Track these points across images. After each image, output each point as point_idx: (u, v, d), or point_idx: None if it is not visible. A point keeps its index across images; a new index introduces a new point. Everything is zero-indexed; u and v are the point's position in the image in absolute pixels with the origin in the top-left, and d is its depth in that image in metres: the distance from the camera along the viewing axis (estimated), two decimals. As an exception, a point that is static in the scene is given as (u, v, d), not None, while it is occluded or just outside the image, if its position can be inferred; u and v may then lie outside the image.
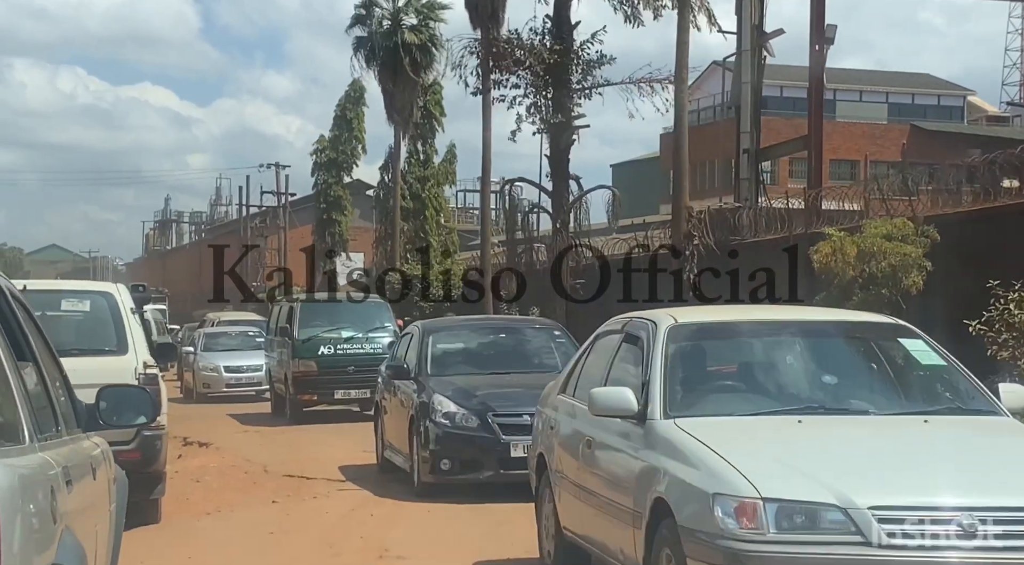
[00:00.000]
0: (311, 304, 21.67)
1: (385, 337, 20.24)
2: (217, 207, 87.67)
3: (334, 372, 19.90)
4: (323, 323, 20.79)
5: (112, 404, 4.85)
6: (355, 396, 20.22)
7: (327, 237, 51.15)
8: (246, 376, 27.08)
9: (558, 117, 27.21)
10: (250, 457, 15.36)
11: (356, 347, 20.31)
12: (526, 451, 9.04)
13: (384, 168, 42.19)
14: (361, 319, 21.09)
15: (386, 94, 38.88)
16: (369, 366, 18.47)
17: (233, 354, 27.80)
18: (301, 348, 20.09)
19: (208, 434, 18.51)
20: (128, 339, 9.58)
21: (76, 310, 9.90)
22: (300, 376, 20.02)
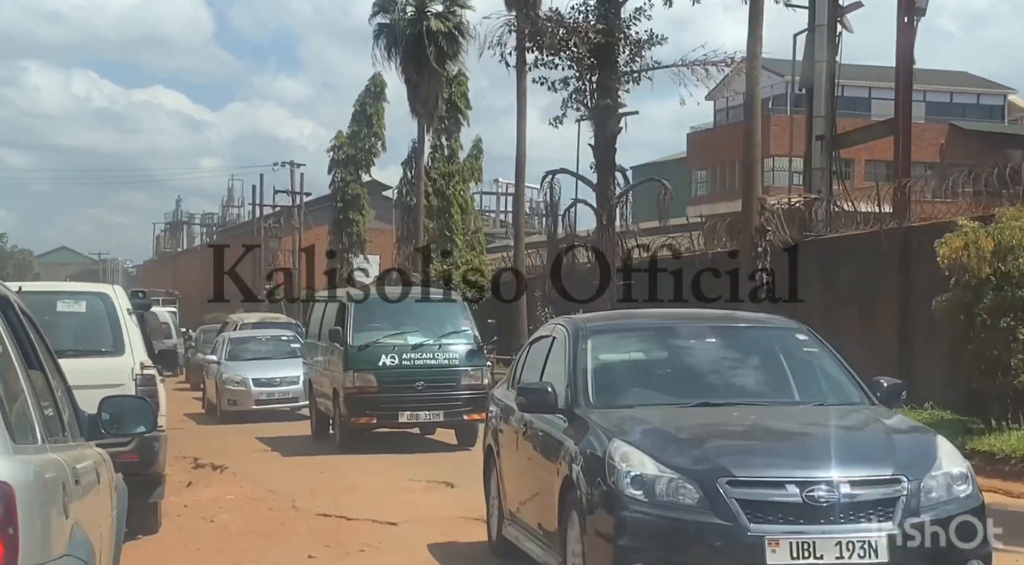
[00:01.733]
0: (369, 301, 16.88)
1: (463, 344, 16.19)
2: (229, 208, 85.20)
3: (399, 388, 15.62)
4: (384, 325, 16.28)
5: (113, 414, 4.94)
6: (425, 419, 16.05)
7: (344, 238, 48.60)
8: (280, 390, 22.19)
9: (605, 101, 24.62)
10: (274, 487, 12.72)
11: (427, 357, 15.89)
12: (794, 555, 5.69)
13: (407, 164, 39.62)
14: (432, 321, 16.55)
15: (409, 85, 36.37)
16: (443, 382, 15.75)
17: (264, 364, 22.95)
18: (356, 357, 15.69)
19: (223, 455, 15.88)
20: (125, 340, 9.35)
21: (72, 311, 9.71)
22: (355, 393, 15.61)
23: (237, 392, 22.20)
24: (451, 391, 15.77)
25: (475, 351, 16.18)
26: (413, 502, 11.43)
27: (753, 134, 19.57)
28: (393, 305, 16.67)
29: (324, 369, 17.24)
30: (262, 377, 22.22)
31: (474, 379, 15.87)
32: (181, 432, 19.39)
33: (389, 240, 53.12)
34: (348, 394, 15.64)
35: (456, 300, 17.67)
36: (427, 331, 16.25)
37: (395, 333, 16.06)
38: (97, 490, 4.65)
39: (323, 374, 17.30)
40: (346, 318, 16.24)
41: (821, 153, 21.53)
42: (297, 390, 21.35)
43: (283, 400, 22.12)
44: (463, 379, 15.87)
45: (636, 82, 25.11)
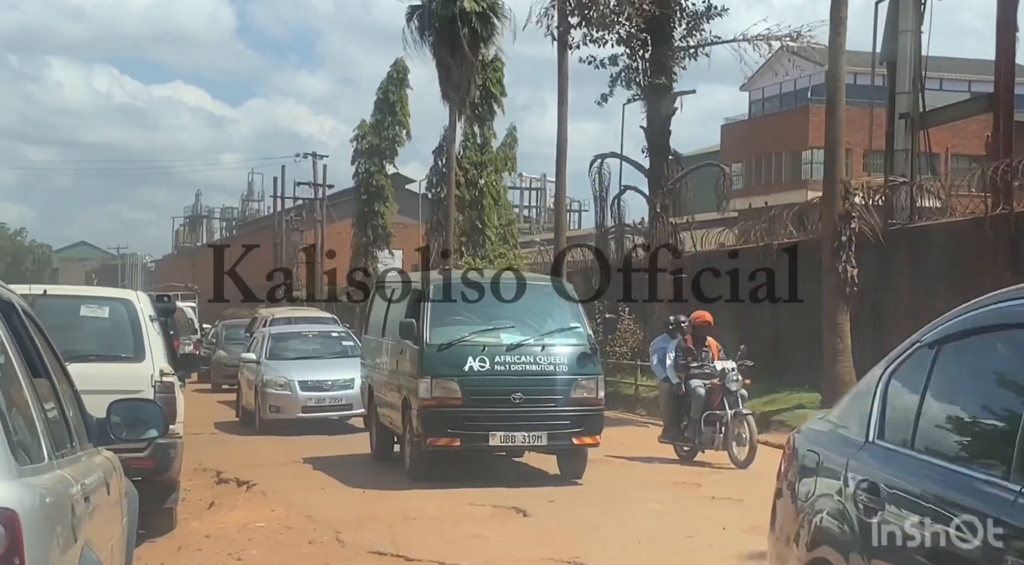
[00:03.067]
0: (452, 287, 13.00)
1: (572, 345, 12.39)
2: (249, 203, 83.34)
3: (489, 401, 11.90)
4: (471, 319, 12.56)
5: (123, 418, 4.68)
6: (522, 442, 12.09)
7: (368, 231, 46.55)
8: (331, 396, 18.42)
9: (660, 79, 22.51)
10: (313, 512, 10.65)
11: (526, 361, 12.10)
12: None
13: (437, 152, 37.49)
14: (533, 314, 12.77)
15: (441, 69, 34.18)
16: (547, 394, 12.07)
17: (311, 364, 19.21)
18: (435, 360, 12.03)
19: (251, 469, 13.84)
20: (146, 346, 9.29)
21: (95, 316, 9.68)
22: (432, 406, 11.89)
23: (280, 397, 18.43)
24: (557, 406, 12.03)
25: (588, 355, 12.29)
26: (483, 537, 9.36)
27: (836, 109, 17.47)
28: (484, 294, 12.70)
29: (390, 373, 13.56)
30: (310, 380, 18.52)
31: (587, 391, 12.17)
32: (200, 439, 17.35)
33: (413, 235, 51.09)
34: (424, 407, 11.88)
35: (564, 288, 13.55)
36: (526, 327, 12.51)
37: (485, 329, 12.31)
38: (107, 502, 4.43)
39: (388, 380, 13.63)
40: (422, 309, 12.46)
41: (905, 133, 19.37)
42: (351, 396, 17.83)
43: (335, 407, 18.46)
44: (573, 391, 12.10)
45: (693, 58, 23.03)
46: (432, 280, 13.10)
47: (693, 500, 11.02)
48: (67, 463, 3.87)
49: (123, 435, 4.71)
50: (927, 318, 14.84)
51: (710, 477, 12.64)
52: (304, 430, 17.87)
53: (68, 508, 3.50)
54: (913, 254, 18.04)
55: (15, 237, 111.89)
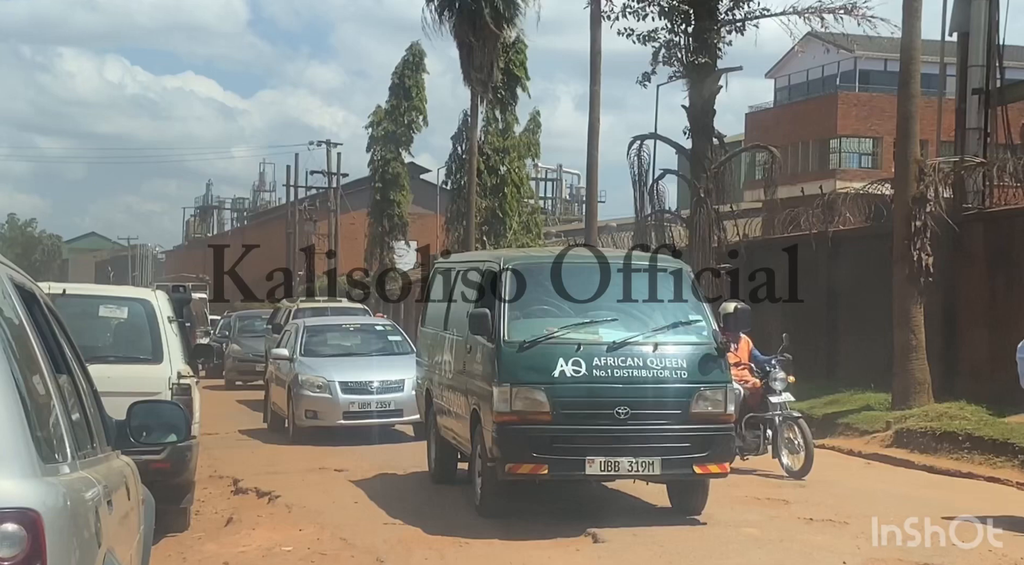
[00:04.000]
0: (538, 269, 10.10)
1: (693, 344, 9.60)
2: (260, 193, 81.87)
3: (586, 417, 9.20)
4: (562, 311, 9.73)
5: (143, 421, 4.40)
6: (629, 469, 9.22)
7: (384, 220, 44.95)
8: (378, 399, 15.58)
9: (703, 57, 20.88)
10: (348, 533, 9.07)
11: (633, 364, 9.29)
12: None
13: (456, 138, 35.88)
14: (641, 304, 9.85)
15: (463, 50, 32.59)
16: (661, 408, 9.24)
17: (355, 363, 16.36)
18: (515, 362, 9.29)
19: (271, 477, 12.29)
20: (163, 348, 9.20)
21: (113, 317, 9.65)
22: (512, 422, 9.15)
23: (318, 401, 15.57)
24: (674, 424, 9.22)
25: (713, 357, 9.46)
26: None
27: (911, 81, 15.82)
28: (578, 276, 9.81)
29: (455, 376, 10.77)
30: (353, 380, 15.66)
31: (712, 404, 9.33)
32: (213, 439, 15.81)
33: (427, 226, 49.55)
34: (501, 423, 9.13)
35: (681, 270, 10.26)
36: (633, 320, 9.64)
37: (580, 323, 9.50)
38: (127, 508, 4.18)
39: (453, 384, 10.84)
40: (499, 297, 9.60)
41: (978, 110, 17.72)
42: (401, 400, 15.27)
43: (383, 413, 15.61)
44: (695, 404, 9.27)
45: (739, 32, 21.37)
46: (510, 260, 10.16)
47: (790, 522, 9.39)
48: (90, 464, 3.67)
49: (143, 439, 4.44)
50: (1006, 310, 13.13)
51: (793, 491, 11.04)
52: (345, 439, 15.27)
53: (92, 511, 3.30)
54: (990, 241, 16.41)
55: (25, 228, 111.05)
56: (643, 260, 10.47)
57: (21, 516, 2.72)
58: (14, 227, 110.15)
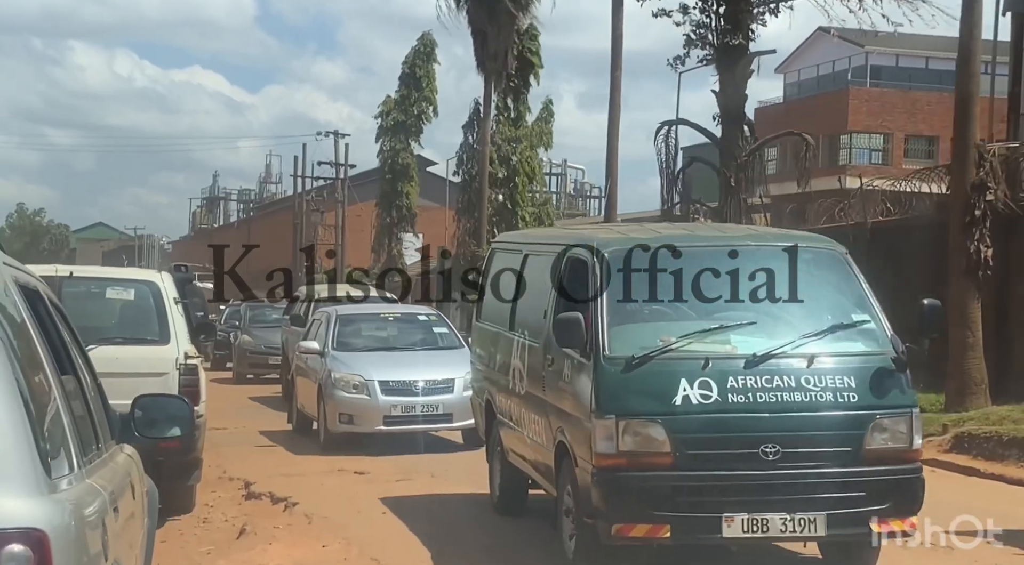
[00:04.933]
0: (644, 256, 7.21)
1: (865, 353, 6.97)
2: (267, 185, 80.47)
3: (722, 460, 6.68)
4: (678, 311, 7.16)
5: (148, 414, 4.30)
6: (782, 530, 6.63)
7: (392, 212, 43.62)
8: (424, 402, 13.01)
9: (736, 38, 19.58)
10: (379, 552, 7.73)
11: (784, 384, 6.70)
12: None
13: (467, 127, 34.52)
14: (784, 303, 7.19)
15: (477, 37, 31.32)
16: (824, 445, 6.76)
17: (396, 359, 13.87)
18: (622, 386, 6.71)
19: (287, 479, 10.97)
20: (170, 329, 9.08)
21: (120, 298, 9.52)
22: (619, 466, 6.63)
23: (355, 403, 13.05)
24: (842, 465, 6.72)
25: (891, 373, 6.88)
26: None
27: (971, 60, 14.51)
28: (699, 264, 7.18)
29: (529, 392, 8.13)
30: (394, 380, 13.12)
31: (894, 438, 6.80)
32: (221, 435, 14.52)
33: (433, 219, 48.20)
34: (605, 469, 6.62)
35: (837, 253, 7.59)
36: (777, 325, 7.06)
37: (706, 330, 6.90)
38: (131, 506, 4.01)
39: (526, 401, 8.21)
40: (594, 294, 7.03)
41: (1034, 95, 16.40)
42: (451, 402, 12.94)
43: (430, 418, 13.08)
44: (870, 437, 6.72)
45: (774, 14, 20.10)
46: (607, 244, 7.36)
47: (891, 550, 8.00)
48: (95, 469, 3.52)
49: (147, 432, 4.31)
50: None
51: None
52: (386, 448, 12.80)
53: (100, 524, 3.16)
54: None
55: (33, 217, 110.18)
56: (786, 240, 7.78)
57: (27, 536, 2.60)
58: (23, 216, 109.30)
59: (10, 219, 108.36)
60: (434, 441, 13.36)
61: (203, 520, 9.49)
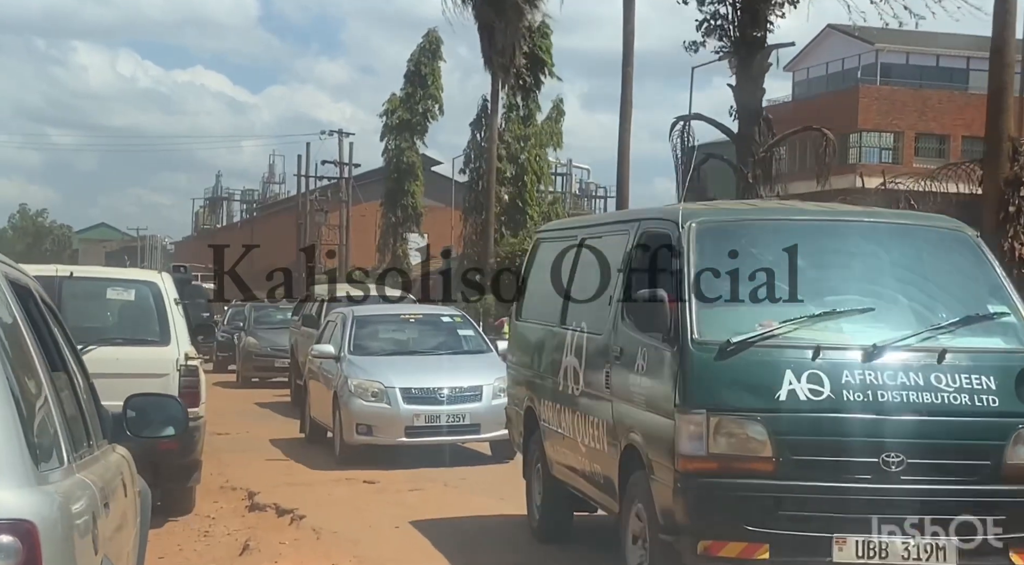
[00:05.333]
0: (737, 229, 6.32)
1: (1005, 350, 5.80)
2: (270, 185, 79.86)
3: (835, 468, 5.55)
4: (780, 292, 5.80)
5: (141, 414, 4.21)
6: (907, 557, 5.44)
7: (397, 211, 43.03)
8: (449, 411, 11.87)
9: (755, 31, 18.99)
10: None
11: (909, 382, 5.54)
12: None
13: (475, 125, 33.92)
14: (909, 286, 6.09)
15: (484, 33, 30.75)
16: (956, 456, 5.59)
17: (418, 364, 12.74)
18: (714, 376, 5.60)
19: (291, 489, 10.32)
20: (171, 330, 8.99)
21: (121, 299, 9.42)
22: (711, 473, 5.54)
23: (374, 413, 11.86)
24: (978, 482, 5.58)
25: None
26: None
27: (1006, 49, 13.91)
28: (805, 241, 6.09)
29: (586, 393, 7.08)
30: (417, 387, 11.99)
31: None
32: (223, 440, 13.91)
33: (438, 219, 47.58)
34: (691, 474, 5.56)
35: (966, 234, 6.46)
36: (900, 313, 5.97)
37: (815, 316, 5.76)
38: (123, 506, 3.98)
39: (581, 403, 7.14)
40: (680, 272, 5.89)
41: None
42: (478, 412, 11.81)
43: (456, 429, 11.89)
44: (1012, 450, 5.59)
45: (793, 4, 19.47)
46: (694, 215, 6.23)
47: None
48: (86, 465, 3.46)
49: (140, 432, 4.19)
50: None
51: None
52: (407, 461, 11.72)
53: (90, 518, 3.13)
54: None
55: (36, 218, 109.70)
56: (909, 219, 6.98)
57: (16, 527, 2.59)
58: (25, 217, 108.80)
59: (12, 220, 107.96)
60: (459, 452, 12.33)
61: (204, 533, 8.88)
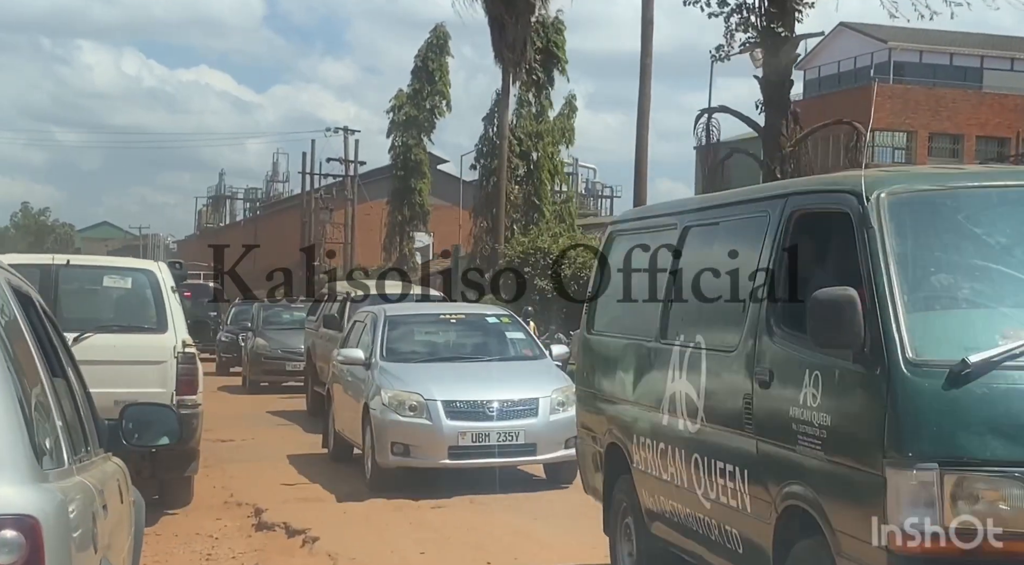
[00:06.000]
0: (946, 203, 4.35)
1: None
2: (273, 183, 78.99)
3: None
4: (1019, 289, 4.13)
5: (136, 423, 4.25)
6: None
7: (404, 209, 42.10)
8: (501, 428, 10.07)
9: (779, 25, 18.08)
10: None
11: None
12: None
13: (487, 119, 33.03)
14: None
15: (495, 26, 29.89)
16: None
17: (462, 372, 10.92)
18: (943, 411, 3.83)
19: (303, 505, 9.44)
20: (168, 317, 8.95)
21: (118, 286, 9.44)
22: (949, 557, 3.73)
23: (411, 430, 10.07)
24: None
25: None
26: None
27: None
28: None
29: (708, 431, 5.35)
30: (461, 399, 10.16)
31: None
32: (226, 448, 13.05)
33: (443, 218, 46.67)
34: (912, 556, 3.76)
35: None
36: None
37: None
38: (120, 508, 4.07)
39: (702, 441, 5.38)
40: (878, 263, 4.09)
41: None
42: (534, 429, 10.03)
43: (506, 450, 10.03)
44: None
45: (823, -6, 18.56)
46: (883, 182, 4.45)
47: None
48: (85, 468, 3.56)
49: (135, 441, 4.23)
50: None
51: None
52: (452, 487, 9.99)
53: (90, 517, 3.21)
54: None
55: (38, 216, 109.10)
56: None
57: (20, 522, 2.64)
58: (27, 215, 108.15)
59: (15, 218, 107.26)
60: (508, 474, 10.46)
61: (207, 556, 8.04)
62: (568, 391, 9.68)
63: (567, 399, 9.72)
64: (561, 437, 9.48)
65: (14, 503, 2.64)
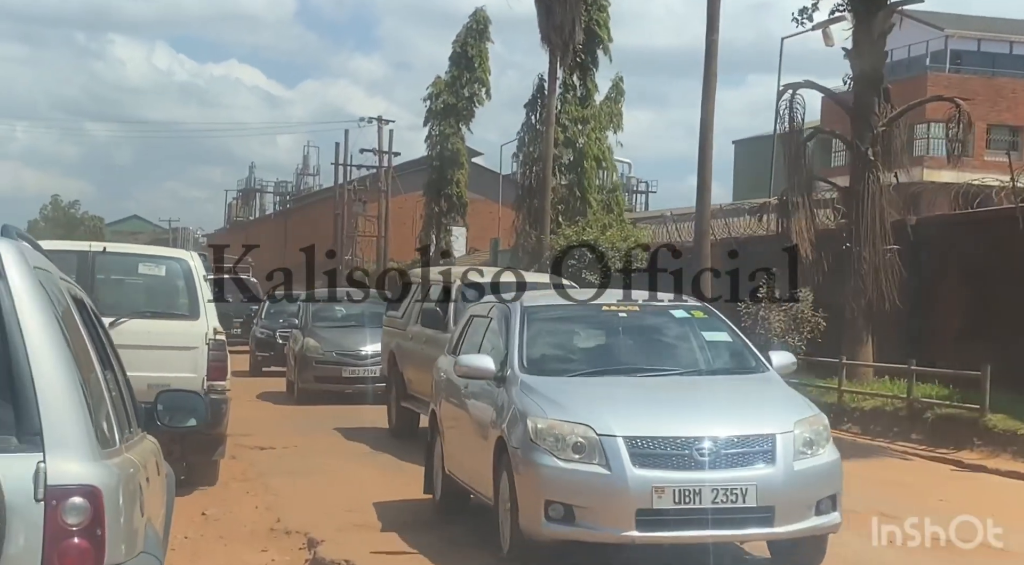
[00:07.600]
0: None
1: None
2: (304, 177, 77.51)
3: None
4: None
5: (168, 406, 4.79)
6: None
7: (441, 200, 40.35)
8: (717, 482, 6.40)
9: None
10: None
11: None
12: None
13: (530, 106, 31.21)
14: None
15: (541, 8, 28.07)
16: None
17: (647, 392, 7.30)
18: None
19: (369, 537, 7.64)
20: (200, 305, 9.27)
21: (152, 274, 9.71)
22: None
23: (578, 481, 6.54)
24: None
25: None
26: None
27: None
28: None
29: None
30: (652, 436, 6.55)
31: None
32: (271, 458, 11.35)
33: (479, 211, 44.88)
34: None
35: None
36: None
37: None
38: (158, 480, 4.58)
39: None
40: None
41: None
42: (771, 484, 6.49)
43: (725, 515, 6.41)
44: None
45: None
46: None
47: None
48: (131, 446, 4.03)
49: (167, 422, 4.73)
50: None
51: None
52: None
53: (137, 487, 3.68)
54: None
55: (68, 209, 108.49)
56: None
57: (86, 491, 3.12)
58: (57, 208, 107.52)
59: (44, 211, 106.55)
60: (721, 551, 6.76)
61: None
62: (818, 424, 6.73)
63: (817, 437, 6.65)
64: (810, 497, 6.50)
65: (81, 475, 3.14)
